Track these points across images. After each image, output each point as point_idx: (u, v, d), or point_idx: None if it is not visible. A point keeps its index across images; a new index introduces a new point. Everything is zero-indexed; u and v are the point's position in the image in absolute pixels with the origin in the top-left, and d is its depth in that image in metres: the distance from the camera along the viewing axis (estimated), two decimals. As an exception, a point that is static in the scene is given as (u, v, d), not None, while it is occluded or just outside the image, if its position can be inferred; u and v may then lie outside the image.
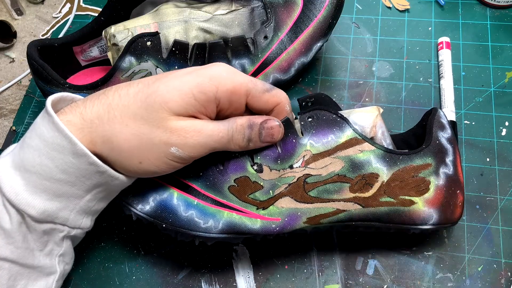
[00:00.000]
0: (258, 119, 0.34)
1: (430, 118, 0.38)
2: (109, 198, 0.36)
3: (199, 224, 0.36)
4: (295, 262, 0.42)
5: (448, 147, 0.37)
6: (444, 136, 0.37)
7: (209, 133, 0.33)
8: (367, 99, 0.50)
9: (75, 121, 0.32)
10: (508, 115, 0.47)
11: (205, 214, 0.36)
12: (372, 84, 0.51)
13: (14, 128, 0.54)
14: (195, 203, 0.36)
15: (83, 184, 0.33)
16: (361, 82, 0.51)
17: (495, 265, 0.40)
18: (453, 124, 0.46)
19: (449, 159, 0.36)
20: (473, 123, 0.47)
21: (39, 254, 0.34)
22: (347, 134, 0.36)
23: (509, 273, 0.40)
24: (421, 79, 0.51)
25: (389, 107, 0.49)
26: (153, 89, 0.32)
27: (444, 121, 0.38)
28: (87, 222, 0.36)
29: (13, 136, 0.53)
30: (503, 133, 0.46)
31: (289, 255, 0.42)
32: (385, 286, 0.40)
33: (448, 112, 0.47)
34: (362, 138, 0.35)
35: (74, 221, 0.34)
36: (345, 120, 0.36)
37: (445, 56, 0.51)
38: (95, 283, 0.43)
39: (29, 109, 0.55)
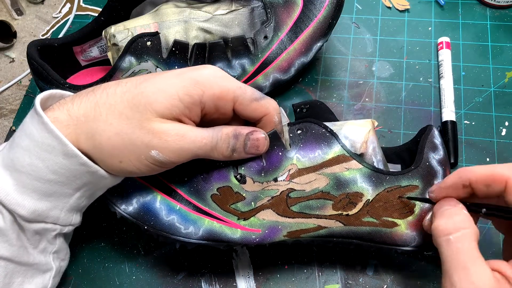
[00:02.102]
0: (244, 130, 0.34)
1: (423, 138, 0.37)
2: (97, 194, 0.36)
3: (180, 229, 0.36)
4: (295, 262, 0.42)
5: (438, 169, 0.36)
6: (435, 157, 0.36)
7: (192, 139, 0.32)
8: (367, 99, 0.50)
9: (61, 118, 0.32)
10: (508, 115, 0.47)
11: (186, 220, 0.36)
12: (372, 84, 0.51)
13: (14, 128, 0.54)
14: (177, 208, 0.36)
15: (73, 183, 0.33)
16: (361, 82, 0.51)
17: (495, 265, 0.40)
18: (453, 124, 0.46)
19: (437, 182, 0.36)
20: (473, 123, 0.47)
21: (33, 252, 0.34)
22: (334, 150, 0.35)
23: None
24: (421, 79, 0.51)
25: (389, 107, 0.49)
26: (140, 90, 0.32)
27: (437, 142, 0.37)
28: (77, 219, 0.36)
29: (13, 136, 0.53)
30: (503, 133, 0.46)
31: (289, 255, 0.42)
32: (385, 286, 0.40)
33: (448, 112, 0.47)
34: (350, 155, 0.35)
35: (65, 219, 0.35)
36: (334, 135, 0.35)
37: (445, 56, 0.51)
38: (95, 283, 0.43)
39: (29, 109, 0.55)
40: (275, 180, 0.35)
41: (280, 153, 0.35)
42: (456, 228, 0.28)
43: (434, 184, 0.32)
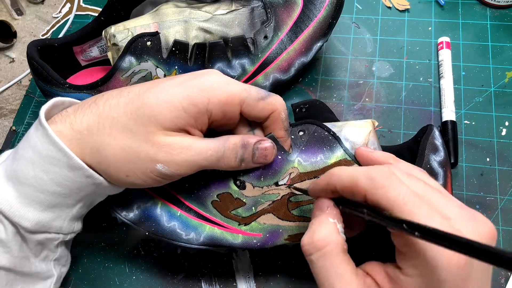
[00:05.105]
0: (251, 139, 0.33)
1: (423, 139, 0.37)
2: (97, 201, 0.36)
3: (181, 236, 0.36)
4: (295, 262, 0.42)
5: (439, 171, 0.36)
6: (436, 159, 0.36)
7: (198, 151, 0.32)
8: (367, 99, 0.50)
9: (65, 131, 0.31)
10: (508, 115, 0.47)
11: (187, 227, 0.36)
12: (372, 84, 0.51)
13: (14, 128, 0.54)
14: (178, 214, 0.36)
15: (76, 195, 0.33)
16: (361, 82, 0.51)
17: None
18: (453, 124, 0.46)
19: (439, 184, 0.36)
20: (473, 123, 0.47)
21: (35, 261, 0.34)
22: (337, 155, 0.35)
23: (509, 273, 0.40)
24: (421, 79, 0.51)
25: (389, 107, 0.49)
26: (143, 101, 0.31)
27: (438, 143, 0.37)
28: (78, 226, 0.36)
29: (13, 136, 0.53)
30: (503, 133, 0.46)
31: (289, 255, 0.42)
32: (385, 286, 0.40)
33: (448, 112, 0.47)
34: (351, 159, 0.35)
35: (68, 228, 0.34)
36: (336, 139, 0.35)
37: (445, 56, 0.51)
38: (95, 283, 0.43)
39: (29, 109, 0.55)
40: (276, 184, 0.35)
41: (280, 157, 0.35)
42: (316, 247, 0.27)
43: (311, 183, 0.31)
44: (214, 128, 0.34)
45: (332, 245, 0.27)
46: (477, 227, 0.24)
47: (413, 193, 0.25)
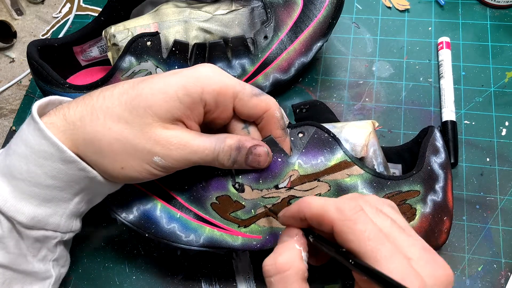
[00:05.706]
0: (247, 143, 0.33)
1: (424, 141, 0.37)
2: (96, 201, 0.36)
3: (181, 237, 0.36)
4: (295, 262, 0.42)
5: (440, 172, 0.36)
6: (436, 161, 0.36)
7: (194, 149, 0.32)
8: (367, 99, 0.50)
9: (58, 123, 0.31)
10: (508, 115, 0.47)
11: (187, 229, 0.36)
12: (372, 84, 0.51)
13: (14, 128, 0.54)
14: (178, 216, 0.36)
15: (71, 188, 0.32)
16: (361, 82, 0.51)
17: (495, 265, 0.40)
18: (453, 124, 0.46)
19: (439, 186, 0.36)
20: (473, 123, 0.47)
21: (32, 260, 0.34)
22: (337, 157, 0.35)
23: (509, 273, 0.39)
24: (421, 79, 0.51)
25: (389, 107, 0.49)
26: (137, 91, 0.31)
27: (439, 144, 0.37)
28: (77, 225, 0.36)
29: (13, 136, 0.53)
30: (503, 133, 0.46)
31: (289, 255, 0.42)
32: (385, 286, 0.40)
33: (448, 112, 0.47)
34: (351, 161, 0.35)
35: (65, 226, 0.34)
36: (336, 140, 0.35)
37: (445, 56, 0.51)
38: (95, 283, 0.43)
39: (29, 109, 0.55)
40: (276, 187, 0.35)
41: (280, 159, 0.35)
42: (276, 270, 0.26)
43: (282, 210, 0.31)
44: (209, 121, 0.34)
45: (293, 270, 0.26)
46: (436, 270, 0.24)
47: (379, 230, 0.25)
